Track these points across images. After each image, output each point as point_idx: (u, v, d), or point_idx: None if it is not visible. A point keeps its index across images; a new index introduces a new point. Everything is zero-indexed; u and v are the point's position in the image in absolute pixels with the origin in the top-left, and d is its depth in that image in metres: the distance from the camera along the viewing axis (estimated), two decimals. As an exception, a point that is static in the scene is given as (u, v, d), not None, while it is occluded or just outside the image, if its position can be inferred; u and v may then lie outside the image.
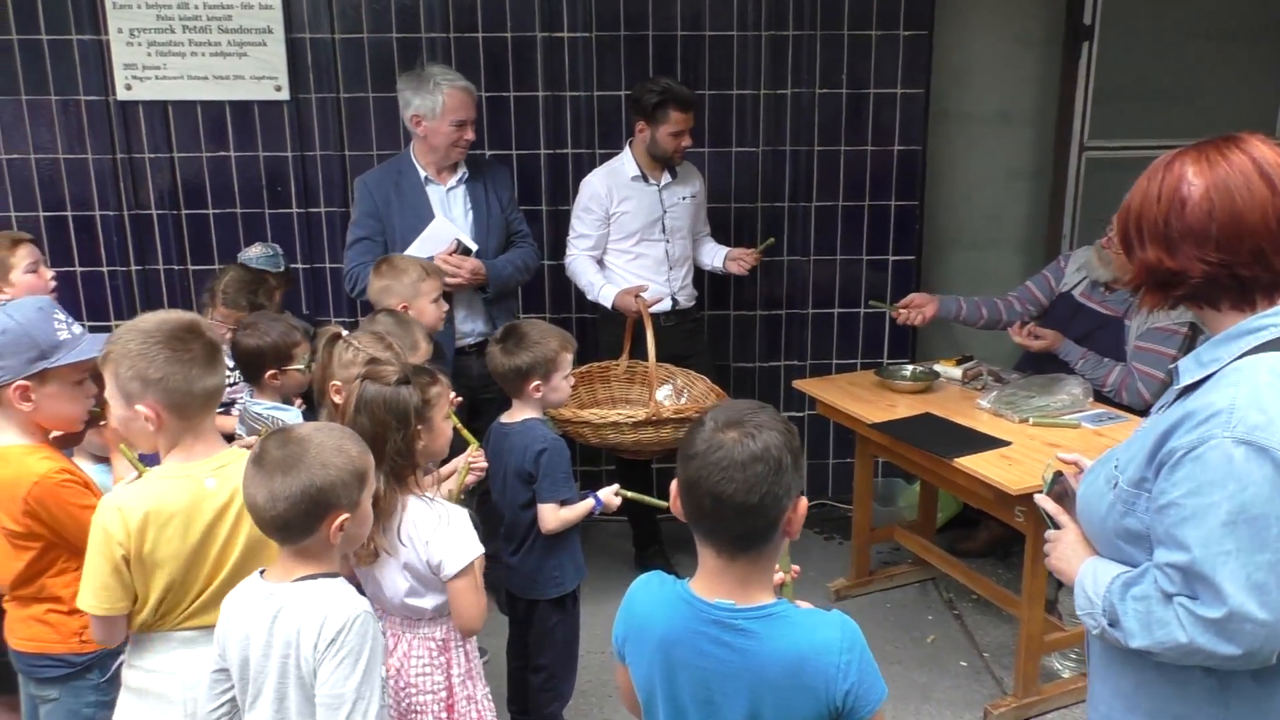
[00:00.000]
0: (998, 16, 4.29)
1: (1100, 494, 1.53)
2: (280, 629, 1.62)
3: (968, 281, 4.54)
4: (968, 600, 3.70)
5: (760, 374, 4.34)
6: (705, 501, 1.39)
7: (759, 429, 1.40)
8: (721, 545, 1.44)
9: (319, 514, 1.61)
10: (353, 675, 1.60)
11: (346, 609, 1.61)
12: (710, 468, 1.38)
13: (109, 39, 3.79)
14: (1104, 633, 1.48)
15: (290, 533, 1.63)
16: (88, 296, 4.01)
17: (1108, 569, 1.51)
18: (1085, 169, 4.35)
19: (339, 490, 1.61)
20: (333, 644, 1.59)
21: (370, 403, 1.99)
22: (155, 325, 1.86)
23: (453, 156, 3.42)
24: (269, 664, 1.64)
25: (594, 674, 3.22)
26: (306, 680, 1.62)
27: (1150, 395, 3.40)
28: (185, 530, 1.84)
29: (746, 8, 3.94)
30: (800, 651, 1.41)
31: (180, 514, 1.83)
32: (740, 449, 1.38)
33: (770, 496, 1.38)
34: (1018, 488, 2.75)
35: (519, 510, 2.67)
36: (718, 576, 1.45)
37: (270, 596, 1.65)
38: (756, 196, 4.15)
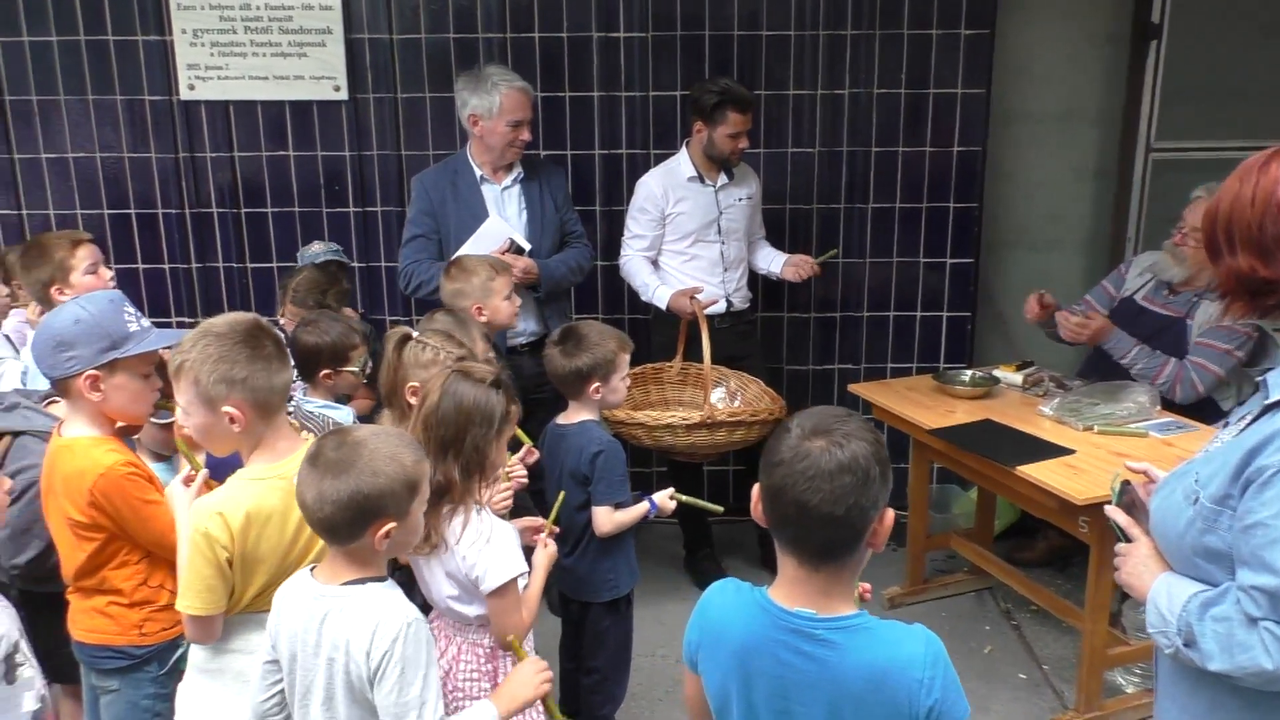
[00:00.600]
0: (1062, 14, 4.20)
1: (1178, 509, 1.48)
2: (329, 632, 1.63)
3: (1028, 284, 4.40)
4: (1026, 611, 3.63)
5: (813, 377, 4.29)
6: (789, 510, 1.37)
7: (847, 438, 1.36)
8: (804, 555, 1.40)
9: (365, 520, 1.60)
10: (414, 683, 1.60)
11: (397, 618, 1.61)
12: (795, 476, 1.35)
13: (173, 39, 3.85)
14: (1178, 652, 1.43)
15: (336, 536, 1.63)
16: (149, 293, 4.08)
17: (1183, 586, 1.46)
18: (1152, 170, 4.25)
19: (387, 499, 1.60)
20: (388, 655, 1.59)
21: (460, 397, 1.99)
22: (228, 328, 1.89)
23: (508, 156, 3.43)
24: (317, 663, 1.64)
25: (644, 677, 3.21)
26: (355, 684, 1.62)
27: (1204, 388, 3.33)
28: (282, 527, 1.88)
29: (805, 7, 3.89)
30: (883, 665, 1.38)
31: (278, 512, 1.87)
32: (827, 458, 1.34)
33: (857, 509, 1.35)
34: (1083, 498, 2.68)
35: (574, 512, 2.66)
36: (799, 585, 1.43)
37: (320, 598, 1.65)
38: (812, 198, 4.10)
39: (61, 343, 2.03)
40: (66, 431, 2.11)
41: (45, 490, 2.15)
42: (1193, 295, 3.44)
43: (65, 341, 2.03)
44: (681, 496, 2.67)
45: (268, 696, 1.75)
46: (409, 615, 1.62)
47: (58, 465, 2.08)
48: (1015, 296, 4.47)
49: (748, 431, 3.33)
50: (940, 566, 3.94)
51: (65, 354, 2.03)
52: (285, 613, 1.69)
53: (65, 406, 2.13)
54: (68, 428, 2.12)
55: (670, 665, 3.33)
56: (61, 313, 2.09)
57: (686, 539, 3.94)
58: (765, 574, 3.75)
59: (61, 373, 2.04)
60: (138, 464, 2.11)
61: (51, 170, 4.00)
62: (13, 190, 4.01)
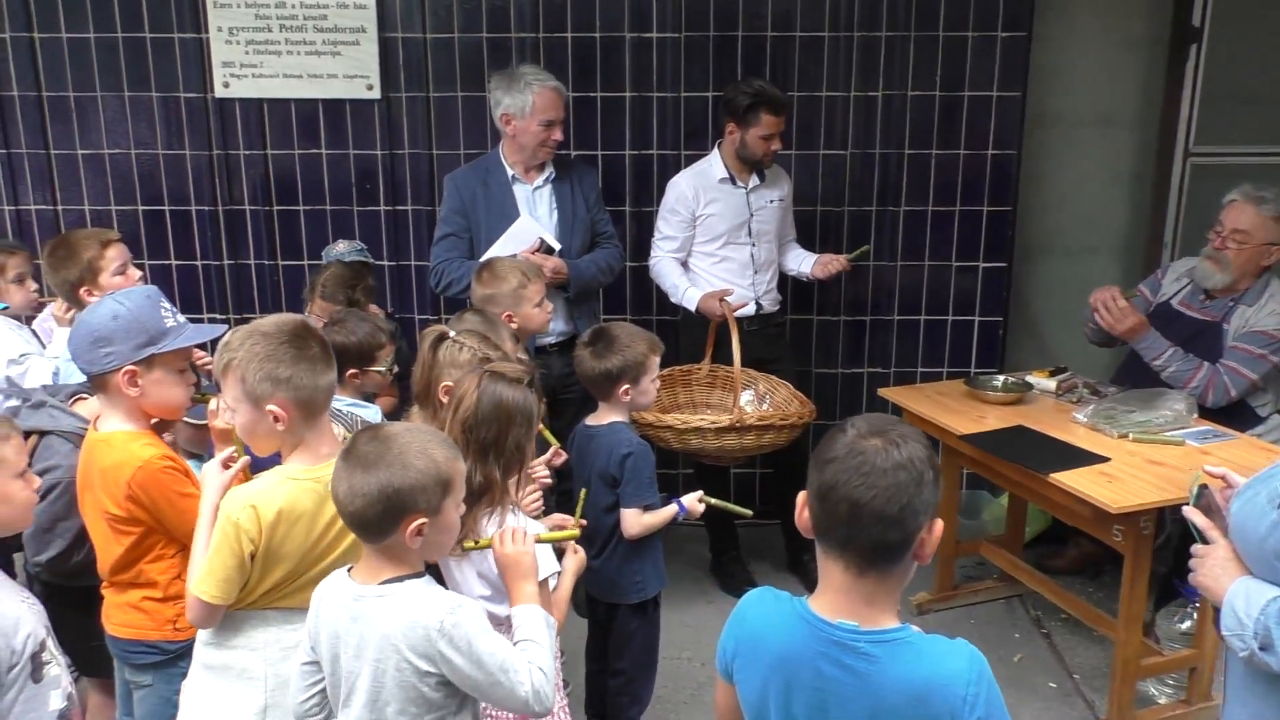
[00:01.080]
0: (1100, 17, 4.15)
1: (1260, 513, 1.47)
2: (371, 633, 1.62)
3: (1062, 289, 4.41)
4: (1056, 619, 3.58)
5: (842, 380, 4.26)
6: (841, 508, 1.35)
7: (903, 439, 1.37)
8: (851, 558, 1.38)
9: (395, 515, 1.60)
10: (483, 662, 1.62)
11: (439, 609, 1.61)
12: (850, 472, 1.34)
13: (209, 37, 3.88)
14: (1253, 655, 1.43)
15: (367, 531, 1.63)
16: (182, 289, 4.11)
17: (1262, 590, 1.46)
18: (1190, 175, 4.19)
19: (417, 493, 1.60)
20: (445, 645, 1.59)
21: (499, 397, 1.99)
22: (274, 328, 1.91)
23: (540, 156, 3.43)
24: (361, 665, 1.64)
25: (670, 679, 3.20)
26: (408, 682, 1.62)
27: (1236, 392, 3.29)
28: (310, 528, 1.89)
29: (839, 8, 3.87)
30: (925, 680, 1.35)
31: (308, 514, 1.88)
32: (884, 456, 1.34)
33: (909, 510, 1.34)
34: (1118, 506, 2.65)
35: (602, 513, 2.65)
36: (842, 595, 1.41)
37: (359, 599, 1.65)
38: (844, 200, 4.08)
39: (100, 338, 2.05)
40: (103, 427, 2.13)
41: (82, 485, 2.17)
42: (1229, 300, 3.39)
43: (104, 337, 2.04)
44: (710, 499, 2.65)
45: (307, 697, 1.75)
46: (451, 602, 1.63)
47: (95, 460, 2.10)
48: (1048, 302, 4.45)
49: (777, 435, 3.31)
50: (970, 573, 3.91)
51: (103, 350, 2.04)
52: (324, 613, 1.69)
53: (101, 402, 2.14)
54: (104, 423, 2.14)
55: (695, 668, 3.32)
56: (99, 309, 2.10)
57: (712, 542, 3.93)
58: (791, 578, 3.78)
59: (100, 368, 2.06)
60: (174, 458, 2.13)
61: (87, 166, 4.04)
62: (49, 186, 4.05)
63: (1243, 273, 3.36)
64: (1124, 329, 3.39)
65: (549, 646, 1.78)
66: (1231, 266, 3.35)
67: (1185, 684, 3.08)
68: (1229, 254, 3.36)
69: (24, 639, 1.68)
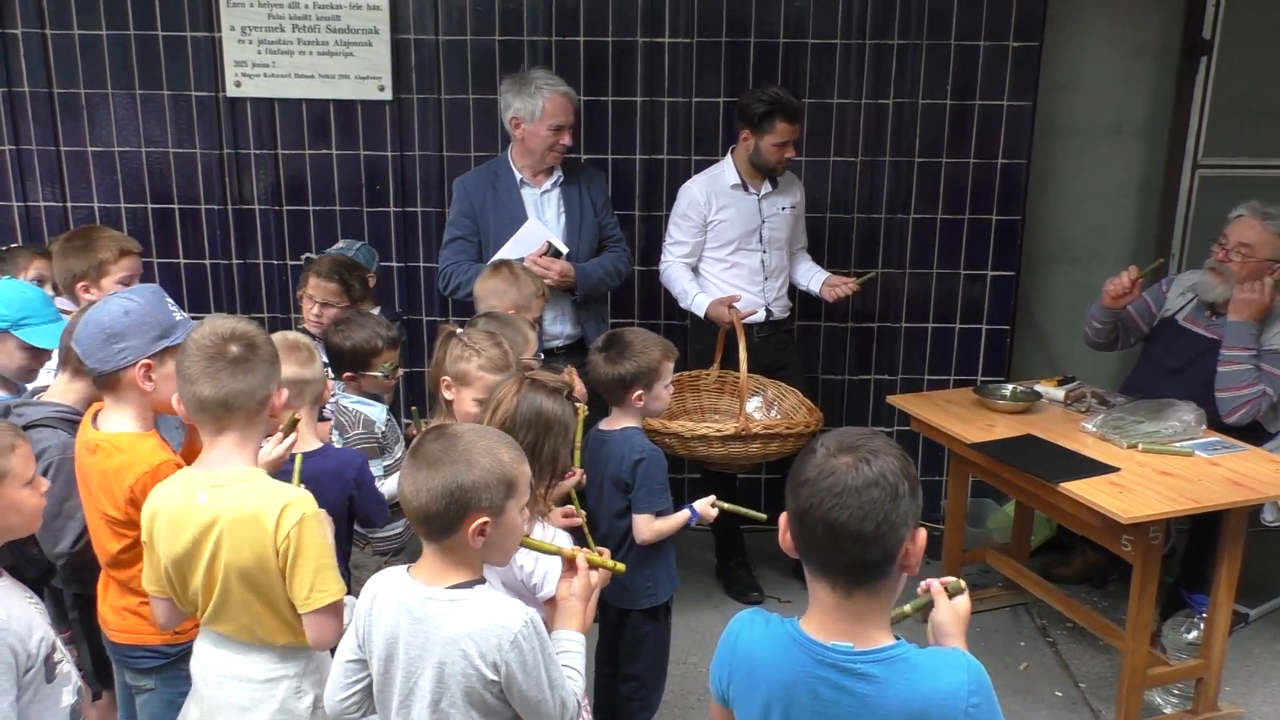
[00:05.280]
0: (1111, 28, 4.16)
1: None
2: (439, 636, 1.62)
3: (1069, 297, 4.42)
4: (1061, 628, 3.59)
5: (849, 387, 4.27)
6: (817, 530, 1.35)
7: (874, 454, 1.35)
8: (836, 579, 1.38)
9: (458, 512, 1.60)
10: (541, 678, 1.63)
11: (515, 621, 1.61)
12: (823, 494, 1.34)
13: (221, 36, 3.88)
14: None
15: (431, 528, 1.63)
16: (190, 288, 4.11)
17: None
18: (1199, 187, 4.20)
19: (480, 490, 1.60)
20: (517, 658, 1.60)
21: (539, 406, 2.01)
22: (192, 340, 1.90)
23: (548, 160, 3.43)
24: (423, 666, 1.64)
25: (677, 684, 3.20)
26: (478, 689, 1.62)
27: (1264, 412, 3.33)
28: (173, 537, 1.87)
29: (851, 16, 3.87)
30: (926, 696, 1.35)
31: (170, 520, 1.87)
32: (854, 474, 1.33)
33: (887, 524, 1.33)
34: (1129, 517, 2.66)
35: (614, 519, 2.65)
36: (832, 615, 1.40)
37: (427, 600, 1.64)
38: (853, 207, 4.08)
39: (114, 334, 2.03)
40: (106, 426, 2.10)
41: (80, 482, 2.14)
42: (1236, 319, 3.40)
43: (117, 333, 2.03)
44: (723, 504, 2.65)
45: (348, 695, 1.75)
46: (524, 614, 1.63)
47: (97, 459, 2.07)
48: (1055, 310, 4.46)
49: (784, 444, 3.31)
50: (975, 581, 3.90)
51: (117, 345, 2.03)
52: (382, 612, 1.68)
53: (108, 401, 2.12)
54: (108, 422, 2.11)
55: (702, 673, 3.32)
56: (108, 306, 2.09)
57: (719, 548, 3.93)
58: (797, 584, 3.78)
59: (115, 365, 2.04)
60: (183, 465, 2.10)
61: (97, 163, 4.03)
62: (58, 182, 4.04)
63: None
64: (1260, 306, 3.28)
65: (583, 675, 1.80)
66: (1234, 280, 3.36)
67: (1191, 694, 3.09)
68: (1232, 267, 3.37)
69: (38, 642, 1.69)
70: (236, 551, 1.84)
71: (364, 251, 3.62)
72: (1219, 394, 3.32)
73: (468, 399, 2.37)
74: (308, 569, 1.84)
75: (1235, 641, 3.19)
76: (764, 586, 3.83)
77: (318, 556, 1.85)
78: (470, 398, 2.37)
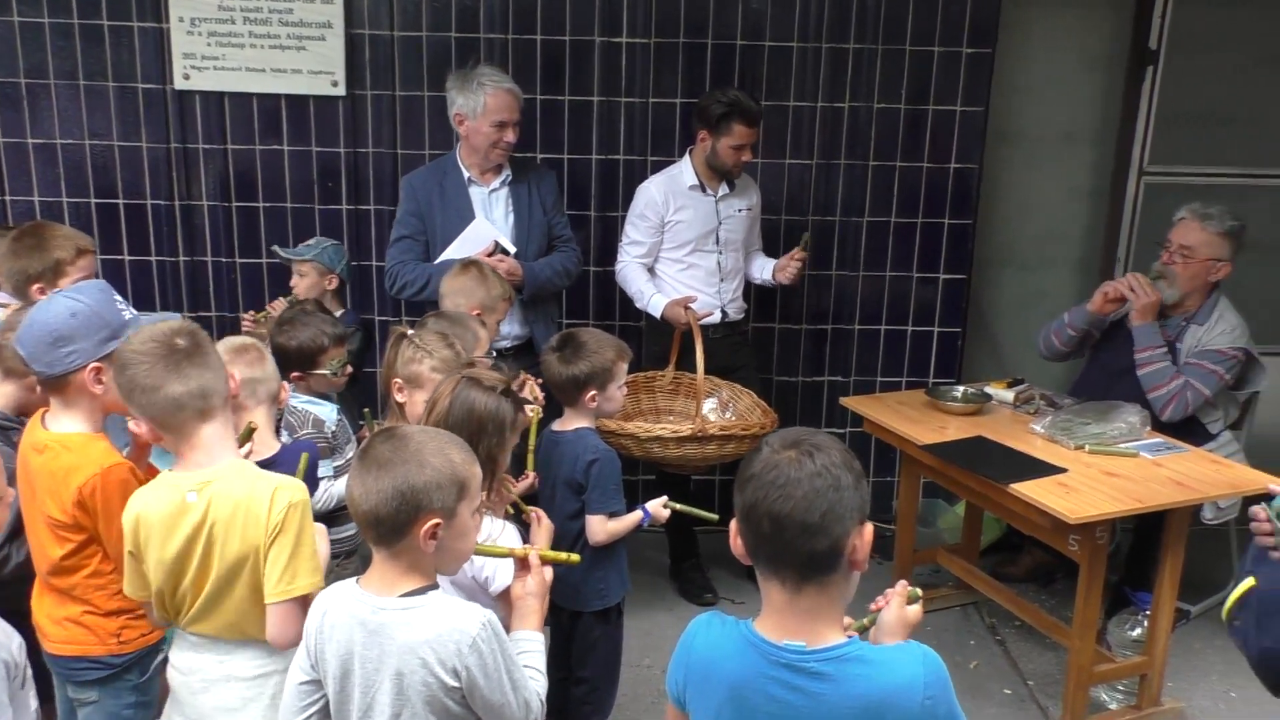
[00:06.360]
0: (1062, 37, 4.23)
1: None
2: (396, 647, 1.59)
3: (1019, 301, 4.49)
4: (1010, 626, 3.64)
5: (804, 388, 4.29)
6: (764, 524, 1.36)
7: (817, 448, 1.38)
8: (786, 575, 1.39)
9: (410, 513, 1.57)
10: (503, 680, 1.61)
11: (472, 625, 1.59)
12: (767, 487, 1.36)
13: (169, 27, 3.79)
14: None
15: (381, 531, 1.60)
16: (135, 285, 4.02)
17: None
18: (1144, 193, 4.29)
19: (432, 491, 1.58)
20: (476, 662, 1.58)
21: (472, 404, 1.98)
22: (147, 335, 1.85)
23: (493, 158, 3.41)
24: (380, 679, 1.60)
25: (629, 687, 3.18)
26: (435, 696, 1.59)
27: (1193, 408, 3.39)
28: (164, 541, 1.83)
29: (808, 19, 3.90)
30: (881, 692, 1.36)
31: (160, 524, 1.83)
32: (798, 467, 1.36)
33: (832, 515, 1.35)
34: (1077, 517, 2.70)
35: (566, 520, 2.64)
36: (785, 614, 1.41)
37: (380, 611, 1.61)
38: (808, 210, 4.11)
39: (61, 337, 1.97)
40: (54, 426, 2.05)
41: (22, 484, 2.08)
42: (1181, 319, 3.47)
43: (65, 335, 1.97)
44: (676, 505, 2.65)
45: (303, 718, 1.70)
46: (481, 617, 1.60)
47: (45, 461, 2.01)
48: (1004, 314, 4.53)
49: (739, 445, 3.32)
50: (926, 581, 3.95)
51: (65, 349, 1.97)
52: (333, 628, 1.65)
53: (55, 403, 2.06)
54: (55, 422, 2.05)
55: (656, 675, 3.31)
56: (52, 306, 2.01)
57: (672, 549, 3.93)
58: (750, 586, 3.78)
59: (63, 368, 1.99)
60: (135, 469, 2.06)
61: (38, 156, 3.93)
62: (-3, 175, 3.94)
63: (1191, 288, 3.45)
64: (1142, 306, 3.42)
65: (545, 674, 1.78)
66: (1179, 281, 3.44)
67: (1136, 690, 3.15)
68: (1176, 269, 3.45)
69: (17, 647, 1.65)
70: (230, 544, 1.81)
71: (333, 251, 3.57)
72: (1148, 395, 3.39)
73: (419, 401, 2.34)
74: (285, 553, 1.81)
75: (1177, 638, 3.26)
76: (718, 588, 3.84)
77: (298, 543, 1.82)
78: (422, 400, 2.34)
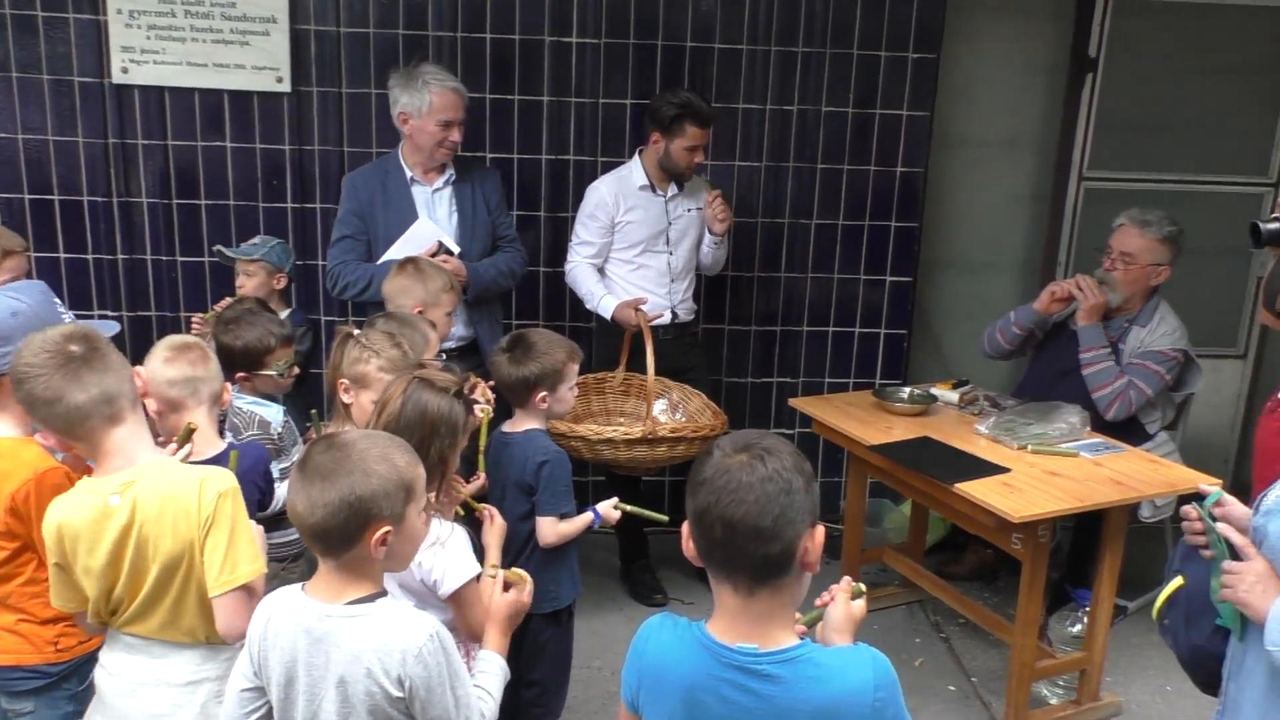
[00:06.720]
0: (1005, 44, 4.31)
1: None
2: (339, 655, 1.56)
3: (962, 304, 4.56)
4: (955, 624, 3.69)
5: (753, 389, 4.32)
6: (716, 529, 1.36)
7: (768, 451, 1.38)
8: (739, 579, 1.39)
9: (359, 524, 1.54)
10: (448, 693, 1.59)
11: (420, 634, 1.56)
12: (719, 492, 1.36)
13: (107, 19, 3.69)
14: None
15: (329, 543, 1.56)
16: (71, 284, 3.91)
17: None
18: (1084, 198, 4.38)
19: (380, 499, 1.55)
20: (422, 673, 1.55)
21: (424, 405, 1.95)
22: (39, 345, 1.79)
23: (438, 157, 3.38)
24: (325, 688, 1.58)
25: (579, 689, 3.17)
26: (379, 706, 1.57)
27: (1135, 408, 3.46)
28: (91, 548, 1.78)
29: (758, 22, 3.92)
30: (833, 695, 1.37)
31: (84, 532, 1.78)
32: (749, 471, 1.36)
33: (784, 520, 1.35)
34: (1020, 516, 2.74)
35: (517, 522, 2.61)
36: (737, 616, 1.41)
37: (326, 618, 1.58)
38: (757, 212, 4.13)
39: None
40: None
41: None
42: (1124, 321, 3.55)
43: (3, 335, 1.93)
44: (626, 506, 2.64)
45: None
46: (429, 628, 1.58)
47: None
48: (949, 316, 4.60)
49: (689, 447, 3.32)
50: (873, 580, 3.99)
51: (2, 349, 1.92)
52: (277, 634, 1.61)
53: None
54: None
55: (605, 677, 3.31)
56: None
57: (622, 550, 3.93)
58: (700, 586, 3.79)
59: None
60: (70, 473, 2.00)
61: (-32, 150, 3.82)
62: (-76, 170, 3.81)
63: (1133, 292, 3.53)
64: (1090, 306, 3.49)
65: (498, 700, 1.76)
66: (1120, 286, 3.52)
67: (1076, 685, 3.21)
68: (1117, 275, 3.52)
69: None
70: (163, 542, 1.77)
71: (280, 250, 3.51)
72: (1093, 394, 3.46)
73: (366, 402, 2.31)
74: (222, 544, 1.78)
75: (1115, 633, 3.33)
76: (668, 589, 3.84)
77: (233, 532, 1.79)
78: (369, 401, 2.30)
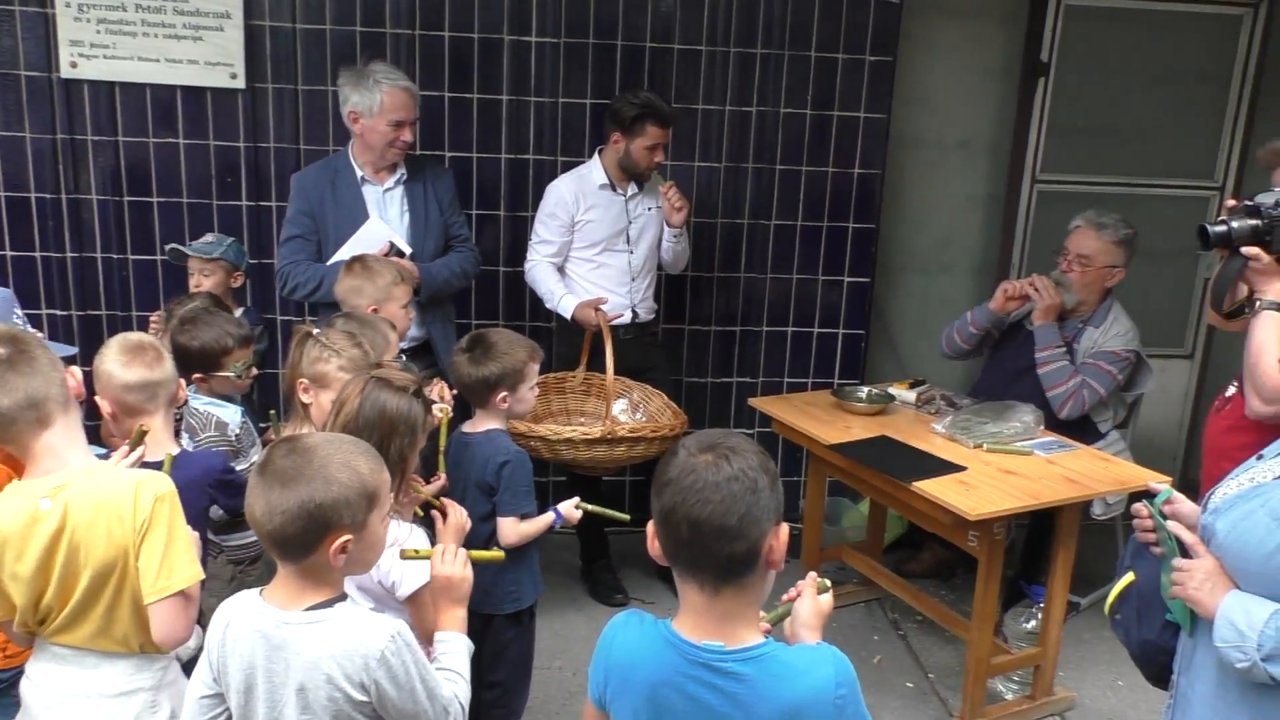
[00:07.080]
0: (960, 48, 4.37)
1: (1266, 530, 1.53)
2: (298, 662, 1.54)
3: (919, 304, 4.62)
4: (912, 621, 3.74)
5: (712, 389, 4.33)
6: (682, 529, 1.37)
7: (733, 451, 1.39)
8: (704, 578, 1.40)
9: (318, 532, 1.51)
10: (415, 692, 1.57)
11: (380, 638, 1.54)
12: (685, 492, 1.36)
13: (55, 13, 3.61)
14: (1253, 667, 1.51)
15: (288, 550, 1.54)
16: (19, 283, 3.78)
17: (1262, 604, 1.53)
18: (1036, 200, 4.45)
19: (340, 508, 1.52)
20: (385, 675, 1.53)
21: (383, 405, 1.93)
22: None
23: (389, 157, 3.35)
24: (285, 695, 1.55)
25: (541, 689, 3.16)
26: (342, 711, 1.55)
27: (1089, 407, 3.51)
28: (19, 554, 1.74)
29: (717, 23, 3.93)
30: (795, 692, 1.39)
31: (13, 537, 1.74)
32: (715, 471, 1.37)
33: (749, 519, 1.36)
34: (976, 513, 2.78)
35: (478, 522, 2.59)
36: (703, 615, 1.42)
37: (284, 625, 1.55)
38: (717, 212, 4.15)
39: None
40: None
41: None
42: (1078, 322, 3.61)
43: None
44: (587, 506, 2.64)
45: None
46: (390, 629, 1.56)
47: None
48: (906, 316, 4.65)
49: (649, 447, 3.33)
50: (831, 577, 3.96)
51: None
52: (236, 641, 1.58)
53: None
54: None
55: (567, 677, 3.30)
56: None
57: (583, 550, 3.92)
58: (661, 585, 3.81)
59: None
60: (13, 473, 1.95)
61: (-90, 145, 3.71)
62: None
63: (1088, 294, 3.59)
64: (1046, 306, 3.53)
65: (468, 677, 1.74)
66: (1076, 287, 3.58)
67: (1030, 680, 3.26)
68: (1073, 277, 3.58)
69: None
70: (95, 547, 1.72)
71: (233, 249, 3.45)
72: (1048, 393, 3.52)
73: (326, 402, 2.28)
74: (158, 549, 1.74)
75: (1068, 629, 3.38)
76: (629, 588, 3.84)
77: (170, 537, 1.75)
78: (328, 400, 2.28)
